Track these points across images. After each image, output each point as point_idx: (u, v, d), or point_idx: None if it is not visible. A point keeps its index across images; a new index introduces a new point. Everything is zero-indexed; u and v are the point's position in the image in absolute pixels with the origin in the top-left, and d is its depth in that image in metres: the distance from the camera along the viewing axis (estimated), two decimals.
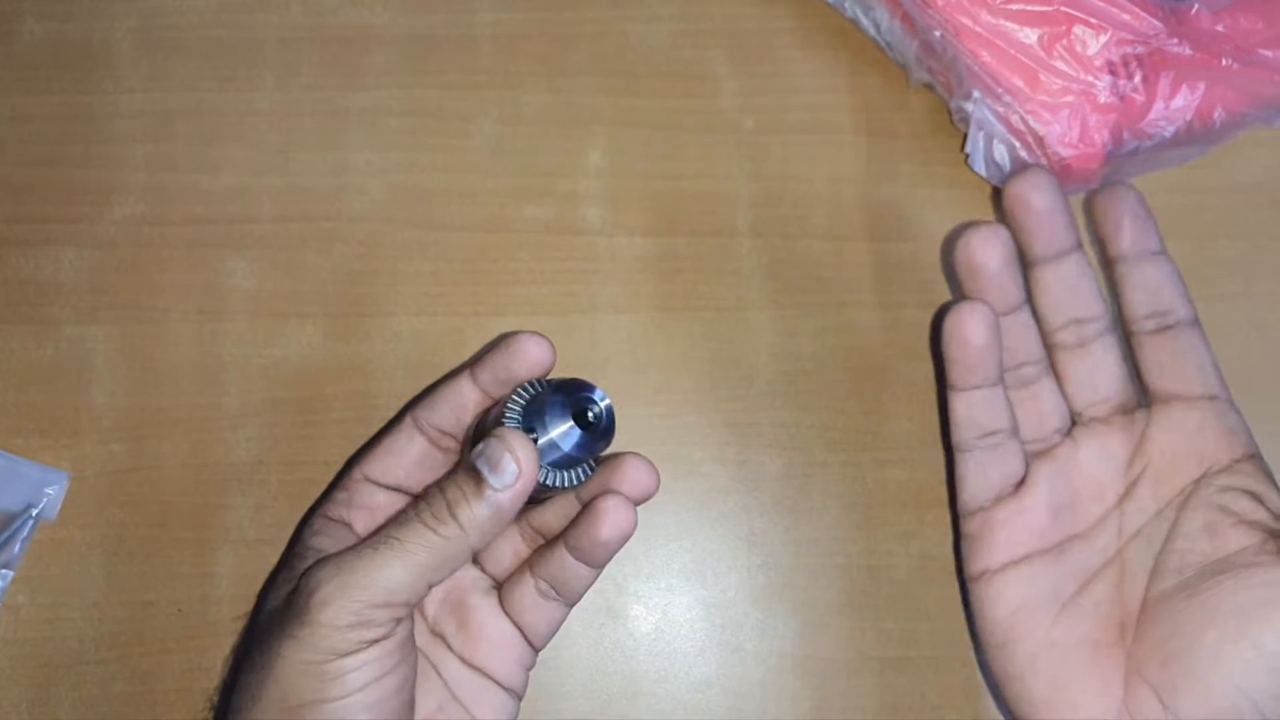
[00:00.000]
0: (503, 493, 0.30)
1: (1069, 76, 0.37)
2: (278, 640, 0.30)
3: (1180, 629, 0.32)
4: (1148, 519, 0.34)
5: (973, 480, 0.35)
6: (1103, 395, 0.35)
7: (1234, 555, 0.32)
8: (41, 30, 0.42)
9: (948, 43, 0.38)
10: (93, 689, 0.37)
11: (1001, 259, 0.35)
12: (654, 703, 0.38)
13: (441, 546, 0.30)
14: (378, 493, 0.35)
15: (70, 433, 0.39)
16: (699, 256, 0.41)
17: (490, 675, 0.34)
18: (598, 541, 0.33)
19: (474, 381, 0.35)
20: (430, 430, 0.35)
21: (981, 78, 0.37)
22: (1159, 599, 0.33)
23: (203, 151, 0.41)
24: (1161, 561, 0.33)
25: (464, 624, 0.34)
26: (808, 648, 0.38)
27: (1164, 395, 0.35)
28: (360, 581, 0.30)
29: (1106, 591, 0.34)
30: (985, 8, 0.37)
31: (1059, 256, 0.35)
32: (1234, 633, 0.31)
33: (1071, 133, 0.37)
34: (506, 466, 0.30)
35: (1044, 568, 0.34)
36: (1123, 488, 0.35)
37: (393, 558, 0.30)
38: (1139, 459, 0.35)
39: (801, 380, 0.40)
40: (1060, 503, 0.35)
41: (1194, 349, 0.35)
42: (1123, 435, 0.35)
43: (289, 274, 0.40)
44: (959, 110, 0.39)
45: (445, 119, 0.42)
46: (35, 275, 0.40)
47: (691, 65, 0.42)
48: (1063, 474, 0.35)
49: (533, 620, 0.34)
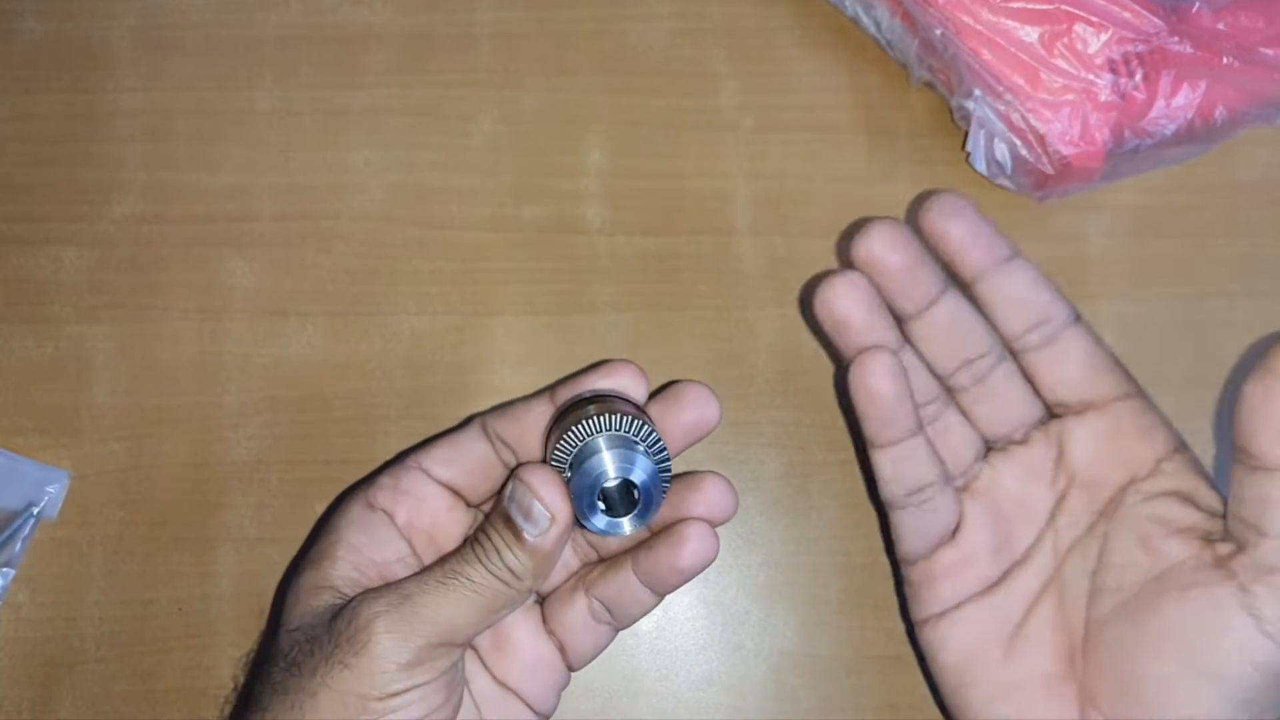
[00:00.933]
0: (541, 539, 0.29)
1: (1070, 75, 0.37)
2: (324, 666, 0.29)
3: (1127, 659, 0.30)
4: (1081, 532, 0.33)
5: (910, 536, 0.33)
6: (1015, 421, 0.34)
7: (1171, 571, 0.30)
8: (41, 29, 0.42)
9: (948, 41, 0.37)
10: (93, 688, 0.38)
11: (866, 308, 0.32)
12: (655, 701, 0.38)
13: (501, 590, 0.29)
14: (429, 485, 0.33)
15: (70, 431, 0.39)
16: (699, 255, 0.41)
17: (522, 697, 0.32)
18: (676, 569, 0.31)
19: (552, 403, 0.33)
20: (496, 439, 0.34)
21: (982, 76, 0.37)
22: (1101, 623, 0.31)
23: (202, 150, 0.41)
24: (1099, 580, 0.32)
25: (501, 641, 0.33)
26: (808, 646, 0.38)
27: (1075, 406, 0.33)
28: (424, 617, 0.29)
29: (1049, 617, 0.33)
30: (986, 6, 0.37)
31: (938, 297, 0.33)
32: (1185, 665, 0.29)
33: (1072, 131, 0.37)
34: (537, 514, 0.29)
35: (988, 604, 0.33)
36: (1052, 502, 0.33)
37: (459, 598, 0.29)
38: (1062, 472, 0.33)
39: (801, 379, 0.40)
40: (998, 538, 0.33)
41: (1085, 352, 0.33)
42: (1043, 450, 0.34)
43: (289, 273, 0.40)
44: (960, 109, 0.39)
45: (445, 118, 0.42)
46: (35, 274, 0.40)
47: (691, 64, 0.42)
48: (991, 506, 0.34)
49: (578, 642, 0.33)
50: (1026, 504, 0.34)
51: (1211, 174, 0.41)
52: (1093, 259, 0.41)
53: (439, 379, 0.40)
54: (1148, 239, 0.41)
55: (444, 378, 0.40)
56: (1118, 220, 0.41)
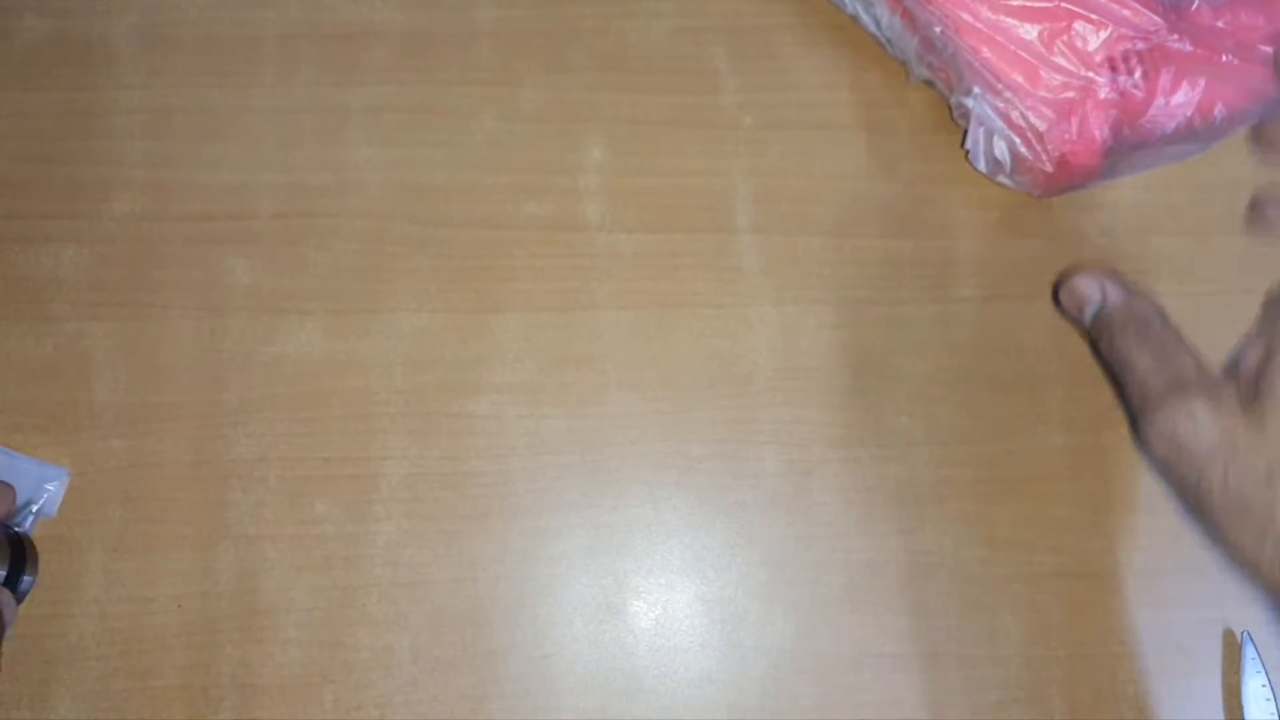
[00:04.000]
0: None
1: (1069, 72, 0.37)
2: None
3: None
4: None
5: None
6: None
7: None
8: (41, 26, 0.42)
9: (948, 38, 0.37)
10: (93, 684, 0.38)
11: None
12: (654, 698, 0.38)
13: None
14: None
15: (70, 429, 0.39)
16: (698, 253, 0.41)
17: None
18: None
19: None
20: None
21: (982, 73, 0.37)
22: None
23: (202, 148, 0.41)
24: None
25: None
26: (807, 643, 0.38)
27: None
28: None
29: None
30: (986, 4, 0.37)
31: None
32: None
33: (1071, 128, 0.37)
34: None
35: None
36: None
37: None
38: None
39: (801, 377, 0.40)
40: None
41: None
42: None
43: (288, 270, 0.40)
44: (959, 106, 0.39)
45: (445, 115, 0.42)
46: (35, 272, 0.40)
47: (691, 62, 0.42)
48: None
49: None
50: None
51: (1211, 172, 0.41)
52: (1092, 256, 0.41)
53: (439, 376, 0.40)
54: (1147, 236, 0.41)
55: (444, 375, 0.40)
56: (1117, 218, 0.41)
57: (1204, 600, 0.39)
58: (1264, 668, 0.38)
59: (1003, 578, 0.39)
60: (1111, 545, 0.39)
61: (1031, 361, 0.40)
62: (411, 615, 0.38)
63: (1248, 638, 0.39)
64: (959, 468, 0.39)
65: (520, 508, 0.39)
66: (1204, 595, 0.39)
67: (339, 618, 0.38)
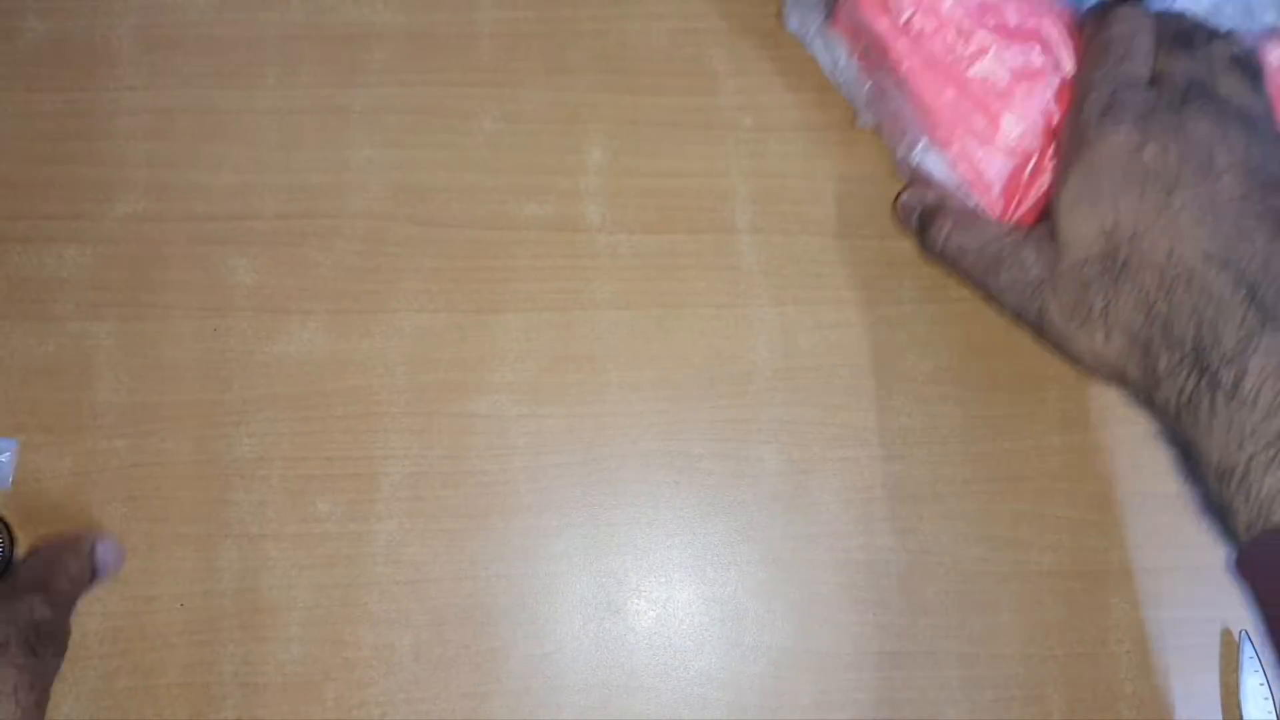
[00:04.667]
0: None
1: (1027, 127, 0.37)
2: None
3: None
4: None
5: None
6: None
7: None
8: (43, 27, 0.42)
9: (902, 85, 0.38)
10: (95, 683, 0.38)
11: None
12: (654, 696, 0.38)
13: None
14: None
15: (73, 428, 0.39)
16: (698, 253, 0.41)
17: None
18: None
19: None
20: None
21: (933, 122, 0.38)
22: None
23: (204, 149, 0.41)
24: None
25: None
26: (807, 642, 0.38)
27: None
28: None
29: None
30: (948, 50, 0.37)
31: None
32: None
33: (1019, 183, 0.37)
34: None
35: None
36: None
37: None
38: None
39: (800, 376, 0.40)
40: None
41: None
42: None
43: (290, 271, 0.40)
44: (902, 163, 0.39)
45: (446, 116, 0.42)
46: (38, 272, 0.40)
47: (691, 63, 0.42)
48: None
49: None
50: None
51: None
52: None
53: (440, 376, 0.40)
54: None
55: (445, 374, 0.40)
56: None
57: (1202, 599, 0.39)
58: (1262, 666, 0.38)
59: (1001, 576, 0.39)
60: (1109, 544, 0.39)
61: (1030, 361, 0.40)
62: (413, 613, 0.38)
63: (1245, 636, 0.39)
64: (957, 467, 0.40)
65: (521, 506, 0.39)
66: (1202, 594, 0.39)
67: (341, 616, 0.38)
